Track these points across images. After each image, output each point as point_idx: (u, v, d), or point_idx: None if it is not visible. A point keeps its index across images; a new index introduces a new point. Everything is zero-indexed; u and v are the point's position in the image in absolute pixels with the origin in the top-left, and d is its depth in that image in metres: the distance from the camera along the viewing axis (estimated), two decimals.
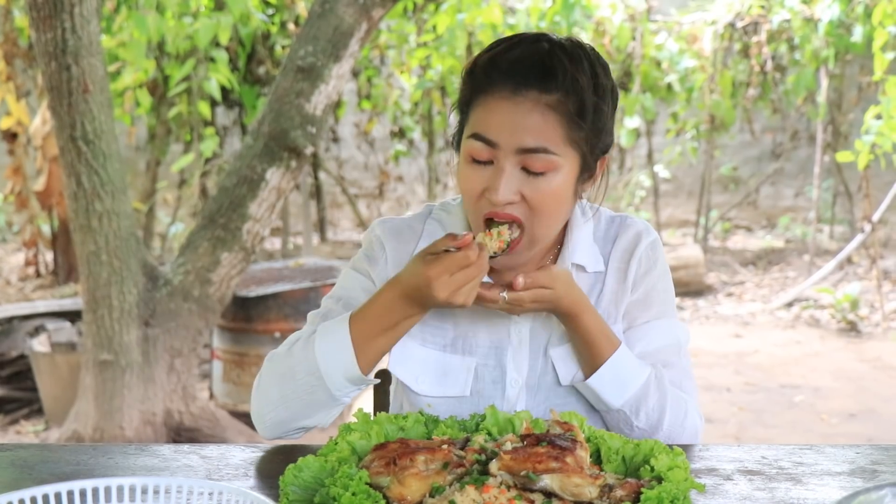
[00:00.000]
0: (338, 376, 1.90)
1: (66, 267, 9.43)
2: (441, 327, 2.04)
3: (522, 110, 1.80)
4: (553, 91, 1.80)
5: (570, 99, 1.81)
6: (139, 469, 1.80)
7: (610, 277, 2.05)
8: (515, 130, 1.80)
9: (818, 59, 9.95)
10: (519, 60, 1.83)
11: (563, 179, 1.86)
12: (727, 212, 12.73)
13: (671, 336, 2.06)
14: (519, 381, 2.01)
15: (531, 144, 1.81)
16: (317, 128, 5.20)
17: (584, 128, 1.84)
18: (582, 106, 1.82)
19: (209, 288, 5.28)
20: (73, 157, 4.93)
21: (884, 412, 6.46)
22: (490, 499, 1.51)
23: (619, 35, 10.09)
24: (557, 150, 1.82)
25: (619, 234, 2.08)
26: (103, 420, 5.19)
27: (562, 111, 1.81)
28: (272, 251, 10.90)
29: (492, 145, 1.83)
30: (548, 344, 2.02)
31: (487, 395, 2.01)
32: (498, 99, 1.82)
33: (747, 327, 8.76)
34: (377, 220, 2.11)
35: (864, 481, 1.71)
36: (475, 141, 1.84)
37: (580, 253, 2.03)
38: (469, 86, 1.89)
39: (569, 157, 1.85)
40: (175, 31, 7.55)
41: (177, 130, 9.15)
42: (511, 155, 1.82)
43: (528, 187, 1.84)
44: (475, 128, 1.85)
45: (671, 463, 1.58)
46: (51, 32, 4.72)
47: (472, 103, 1.87)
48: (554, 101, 1.80)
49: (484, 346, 2.02)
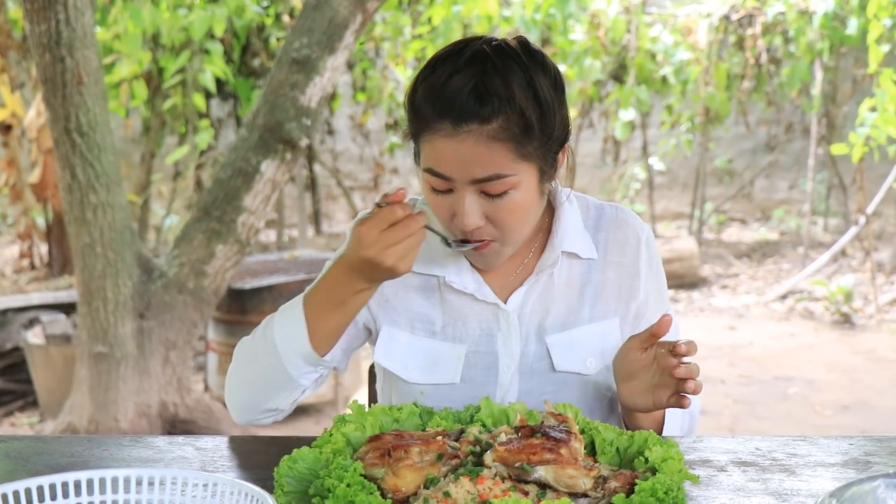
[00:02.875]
0: (293, 356, 1.92)
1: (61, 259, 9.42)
2: (429, 316, 2.05)
3: (467, 146, 1.79)
4: (493, 120, 1.78)
5: (511, 121, 1.79)
6: (134, 461, 1.81)
7: (611, 270, 2.06)
8: (464, 165, 1.80)
9: (813, 52, 9.95)
10: (454, 93, 1.78)
11: (525, 192, 1.86)
12: (722, 204, 12.74)
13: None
14: (511, 366, 2.01)
15: (483, 174, 1.81)
16: (312, 120, 5.19)
17: (533, 140, 1.82)
18: (526, 123, 1.80)
19: (204, 280, 5.28)
20: (67, 150, 4.93)
21: (877, 404, 6.47)
22: (484, 490, 1.52)
23: (614, 27, 10.07)
24: (511, 170, 1.82)
25: (613, 225, 2.08)
26: (98, 412, 5.19)
27: (506, 136, 1.79)
28: (267, 243, 10.89)
29: (447, 179, 1.83)
30: (541, 330, 2.02)
31: (480, 382, 2.01)
32: (442, 137, 1.81)
33: (741, 319, 8.77)
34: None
35: (858, 472, 1.72)
36: (431, 175, 1.85)
37: (570, 240, 2.03)
38: (413, 118, 1.87)
39: (525, 170, 1.84)
40: (170, 23, 7.54)
41: (171, 122, 9.13)
42: (467, 185, 1.82)
43: (491, 209, 1.85)
44: (427, 162, 1.85)
45: (665, 454, 1.59)
46: (45, 24, 4.71)
47: (420, 137, 1.86)
48: (496, 130, 1.78)
49: (474, 333, 2.03)
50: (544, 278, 2.03)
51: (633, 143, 12.31)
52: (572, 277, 2.05)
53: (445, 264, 2.04)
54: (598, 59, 10.18)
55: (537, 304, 2.03)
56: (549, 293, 2.03)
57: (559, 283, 2.04)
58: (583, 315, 2.04)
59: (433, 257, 2.04)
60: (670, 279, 8.60)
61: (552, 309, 2.03)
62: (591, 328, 2.04)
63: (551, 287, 2.03)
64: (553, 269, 2.02)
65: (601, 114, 11.65)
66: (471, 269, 2.04)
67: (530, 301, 2.03)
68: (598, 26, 10.08)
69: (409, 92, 1.88)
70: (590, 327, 2.04)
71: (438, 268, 2.04)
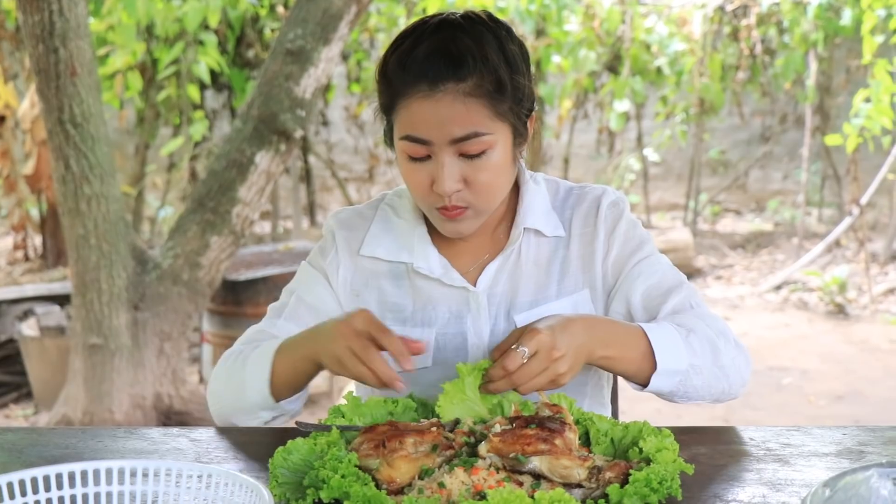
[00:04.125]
0: (254, 394, 1.94)
1: (55, 251, 9.41)
2: (400, 304, 2.07)
3: (444, 104, 1.83)
4: (468, 77, 1.83)
5: (485, 79, 1.84)
6: (128, 452, 1.81)
7: (574, 243, 2.08)
8: (442, 125, 1.83)
9: (807, 43, 9.95)
10: (427, 56, 1.84)
11: (501, 153, 1.89)
12: (716, 195, 12.75)
13: (665, 264, 2.09)
14: (480, 346, 2.03)
15: (461, 133, 1.84)
16: (306, 111, 5.19)
17: (507, 100, 1.87)
18: (499, 82, 1.85)
19: (199, 272, 5.28)
20: (61, 141, 4.92)
21: (871, 394, 6.48)
22: (479, 481, 1.52)
23: (609, 18, 10.07)
24: (487, 129, 1.85)
25: (579, 201, 2.11)
26: (93, 404, 5.19)
27: (481, 93, 1.84)
28: (262, 235, 10.89)
29: (425, 143, 1.86)
30: (510, 309, 2.04)
31: (451, 364, 1.99)
32: (418, 99, 1.84)
33: (736, 310, 8.78)
34: (332, 212, 2.15)
35: (851, 462, 1.72)
36: (408, 142, 1.88)
37: (534, 217, 2.06)
38: (386, 91, 1.92)
39: (500, 130, 1.88)
40: (164, 14, 7.53)
41: (166, 114, 9.12)
42: (445, 147, 1.85)
43: (470, 171, 1.88)
44: (405, 130, 1.88)
45: (659, 444, 1.59)
46: (38, 15, 4.70)
47: (395, 107, 1.90)
48: (471, 87, 1.83)
49: (443, 316, 2.05)
50: (512, 257, 2.06)
51: (627, 135, 12.32)
52: (540, 256, 2.07)
53: (413, 250, 2.07)
54: (593, 50, 10.17)
55: (506, 283, 2.05)
56: (517, 272, 2.06)
57: (527, 263, 2.06)
58: (550, 292, 2.06)
59: (401, 244, 2.08)
60: None
61: (521, 288, 2.05)
62: (560, 303, 2.05)
63: (519, 266, 2.06)
64: (517, 245, 2.05)
65: (596, 105, 11.65)
66: (438, 254, 2.06)
67: (500, 281, 2.05)
68: (592, 17, 10.07)
69: (380, 67, 1.93)
70: (558, 303, 2.05)
71: (407, 254, 2.07)
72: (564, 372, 1.74)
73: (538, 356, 1.71)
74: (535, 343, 1.72)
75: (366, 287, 2.10)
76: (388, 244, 2.09)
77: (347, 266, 2.11)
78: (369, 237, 2.11)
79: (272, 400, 1.93)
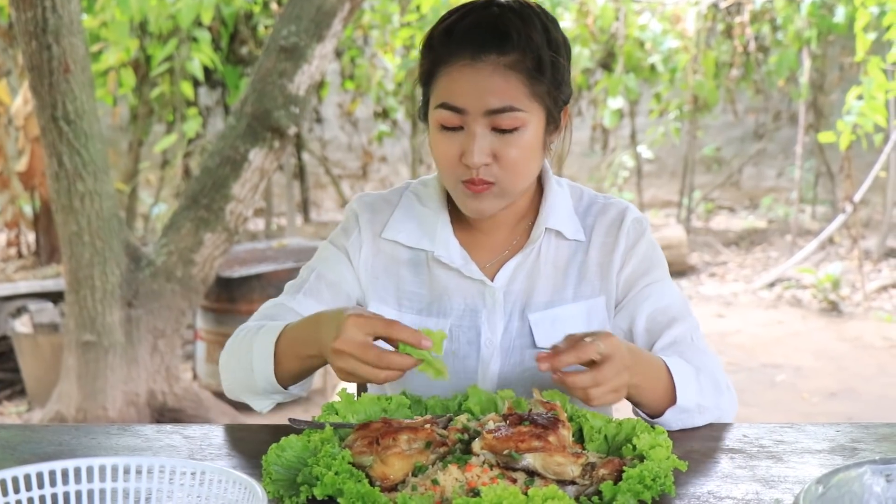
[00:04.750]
0: (262, 380, 1.94)
1: (49, 248, 9.39)
2: (417, 293, 2.08)
3: (484, 74, 1.86)
4: (510, 51, 1.86)
5: (527, 56, 1.87)
6: (122, 449, 1.80)
7: (594, 250, 2.08)
8: (480, 94, 1.86)
9: (801, 40, 9.96)
10: (473, 27, 1.88)
11: (532, 134, 1.91)
12: (710, 192, 12.76)
13: (676, 293, 2.09)
14: (493, 341, 2.04)
15: (497, 105, 1.86)
16: (300, 108, 5.19)
17: (545, 81, 1.90)
18: (539, 61, 1.88)
19: (192, 269, 5.27)
20: (54, 138, 4.91)
21: (864, 391, 6.50)
22: (473, 478, 1.52)
23: (603, 15, 10.08)
24: (523, 105, 1.88)
25: (603, 211, 2.11)
26: (86, 401, 5.18)
27: (521, 69, 1.87)
28: (255, 232, 10.88)
29: (460, 112, 1.88)
30: (525, 308, 2.05)
31: (462, 355, 2.04)
32: (459, 67, 1.88)
33: (730, 307, 8.79)
34: (357, 195, 2.16)
35: (844, 459, 1.73)
36: (443, 110, 1.90)
37: (555, 218, 2.06)
38: (428, 59, 1.95)
39: (534, 111, 1.90)
40: (157, 11, 7.51)
41: (159, 111, 9.11)
42: (480, 118, 1.87)
43: (500, 146, 1.89)
44: (441, 98, 1.90)
45: (653, 441, 1.59)
46: (31, 11, 4.69)
47: (435, 75, 1.93)
48: (512, 61, 1.86)
49: (459, 308, 2.06)
50: (531, 257, 2.06)
51: (621, 132, 12.33)
52: (558, 258, 2.07)
53: (434, 239, 2.07)
54: (587, 48, 10.18)
55: (524, 282, 2.06)
56: (535, 272, 2.06)
57: (545, 263, 2.06)
58: (566, 294, 2.06)
59: (423, 231, 2.09)
60: None
61: (537, 287, 2.05)
62: (576, 307, 2.05)
63: (538, 266, 2.06)
64: (538, 244, 2.05)
65: (590, 102, 11.67)
66: (459, 246, 2.07)
67: (518, 279, 2.06)
68: (586, 14, 10.08)
69: (426, 38, 1.97)
70: (574, 306, 2.05)
71: (428, 241, 2.08)
72: (625, 385, 1.76)
73: (612, 361, 1.70)
74: (611, 346, 1.71)
75: (385, 273, 2.10)
76: (410, 230, 2.09)
77: (369, 248, 2.11)
78: (392, 221, 2.11)
79: (280, 386, 1.94)
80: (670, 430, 1.86)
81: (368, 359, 1.71)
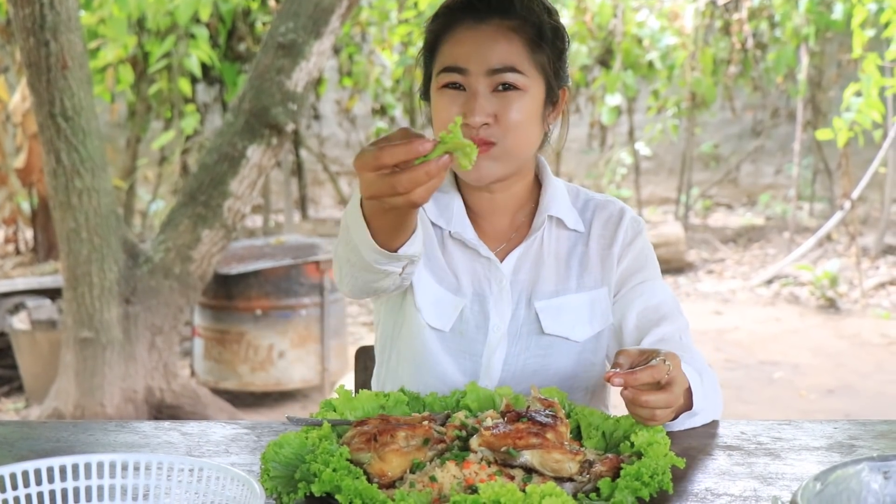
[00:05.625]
0: (368, 251, 1.73)
1: (46, 244, 9.38)
2: (440, 263, 2.09)
3: (487, 35, 1.93)
4: (513, 17, 1.94)
5: (528, 24, 1.95)
6: (119, 446, 1.80)
7: (594, 241, 2.11)
8: (483, 54, 1.92)
9: (798, 37, 9.96)
10: None
11: (532, 100, 1.96)
12: (708, 189, 12.76)
13: (668, 293, 2.12)
14: (501, 327, 2.06)
15: (499, 64, 1.92)
16: (298, 105, 5.18)
17: (545, 50, 1.97)
18: (540, 29, 1.96)
19: (190, 265, 5.27)
20: (52, 134, 4.90)
21: (861, 388, 6.50)
22: (470, 475, 1.52)
23: (601, 12, 10.08)
24: (523, 69, 1.93)
25: (602, 207, 2.16)
26: (84, 397, 5.18)
27: (523, 34, 1.94)
28: (253, 229, 10.88)
29: (462, 72, 1.93)
30: (531, 296, 2.07)
31: (469, 337, 2.06)
32: (463, 30, 1.95)
33: (727, 304, 8.79)
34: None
35: (842, 456, 1.73)
36: (446, 73, 1.95)
37: (557, 207, 2.09)
38: (433, 30, 2.01)
39: (534, 78, 1.95)
40: (155, 7, 7.51)
41: (157, 107, 9.11)
42: (482, 77, 1.92)
43: (501, 106, 1.92)
44: (445, 62, 1.96)
45: (651, 438, 1.59)
46: (29, 8, 4.68)
47: (439, 44, 1.99)
48: (515, 25, 1.94)
49: (469, 291, 2.07)
50: (535, 246, 2.08)
51: (619, 129, 12.32)
52: (560, 248, 2.10)
53: (451, 219, 2.09)
54: (585, 44, 10.18)
55: (529, 271, 2.08)
56: (539, 261, 2.09)
57: (548, 253, 2.09)
58: (570, 284, 2.09)
59: (440, 211, 2.10)
60: None
61: (542, 276, 2.08)
62: (580, 297, 2.08)
63: (541, 256, 2.09)
64: (540, 232, 2.08)
65: (588, 99, 11.66)
66: (470, 225, 2.08)
67: (523, 268, 2.08)
68: (584, 11, 10.08)
69: (433, 15, 2.03)
70: (578, 296, 2.08)
71: (444, 221, 2.09)
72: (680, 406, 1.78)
73: (678, 383, 1.70)
74: (676, 368, 1.71)
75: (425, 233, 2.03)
76: (430, 208, 2.10)
77: None
78: None
79: (385, 250, 1.71)
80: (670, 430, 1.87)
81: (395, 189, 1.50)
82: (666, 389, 1.68)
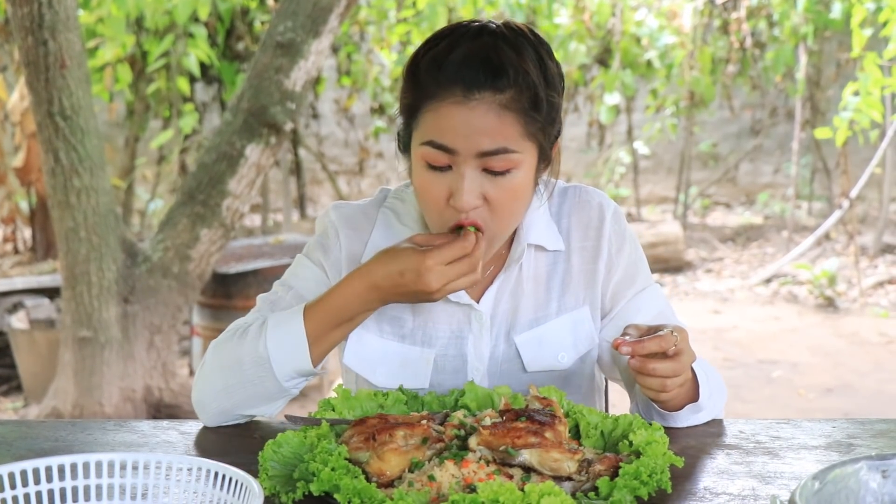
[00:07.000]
0: (288, 369, 1.84)
1: (45, 243, 9.37)
2: (399, 318, 1.99)
3: (477, 114, 1.73)
4: (506, 89, 1.74)
5: (523, 95, 1.75)
6: (118, 445, 1.80)
7: (575, 257, 2.01)
8: (473, 135, 1.73)
9: (797, 36, 9.96)
10: (465, 60, 1.74)
11: (525, 174, 1.80)
12: (706, 188, 12.76)
13: (662, 300, 2.05)
14: (480, 368, 1.97)
15: (491, 147, 1.74)
16: (296, 104, 5.18)
17: (539, 119, 1.78)
18: (536, 99, 1.76)
19: (189, 264, 5.27)
20: (50, 133, 4.90)
21: (860, 387, 6.50)
22: (469, 474, 1.52)
23: (599, 11, 10.08)
24: (516, 146, 1.76)
25: (576, 208, 2.03)
26: (82, 397, 5.18)
27: (517, 108, 1.75)
28: (252, 228, 10.87)
29: (449, 152, 1.75)
30: (510, 330, 1.99)
31: (448, 386, 1.95)
32: (449, 105, 1.74)
33: (726, 303, 8.79)
34: (332, 204, 2.03)
35: (840, 455, 1.73)
36: (431, 148, 1.77)
37: (536, 233, 1.97)
38: (414, 90, 1.80)
39: (527, 150, 1.79)
40: (154, 7, 7.50)
41: (156, 106, 9.10)
42: (471, 159, 1.75)
43: (491, 188, 1.78)
44: (429, 135, 1.77)
45: (649, 437, 1.59)
46: (27, 7, 4.68)
47: (421, 108, 1.78)
48: (508, 100, 1.74)
49: (444, 336, 1.98)
50: (514, 274, 1.98)
51: (618, 128, 12.32)
52: (539, 271, 2.00)
53: None
54: (583, 43, 10.17)
55: (508, 302, 1.98)
56: (518, 290, 1.99)
57: (528, 279, 1.99)
58: (551, 309, 2.00)
59: None
60: (655, 263, 8.62)
61: (521, 306, 1.98)
62: (561, 321, 1.99)
63: (520, 283, 1.99)
64: (520, 261, 1.97)
65: (586, 98, 11.66)
66: None
67: (502, 300, 1.99)
68: (583, 10, 10.07)
69: (409, 65, 1.82)
70: (559, 321, 1.99)
71: None
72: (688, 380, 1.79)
73: (686, 354, 1.73)
74: (684, 340, 1.72)
75: None
76: None
77: (349, 270, 1.93)
78: (371, 245, 1.98)
79: (311, 365, 1.85)
80: (671, 427, 1.86)
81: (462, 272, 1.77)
82: (673, 359, 1.70)
